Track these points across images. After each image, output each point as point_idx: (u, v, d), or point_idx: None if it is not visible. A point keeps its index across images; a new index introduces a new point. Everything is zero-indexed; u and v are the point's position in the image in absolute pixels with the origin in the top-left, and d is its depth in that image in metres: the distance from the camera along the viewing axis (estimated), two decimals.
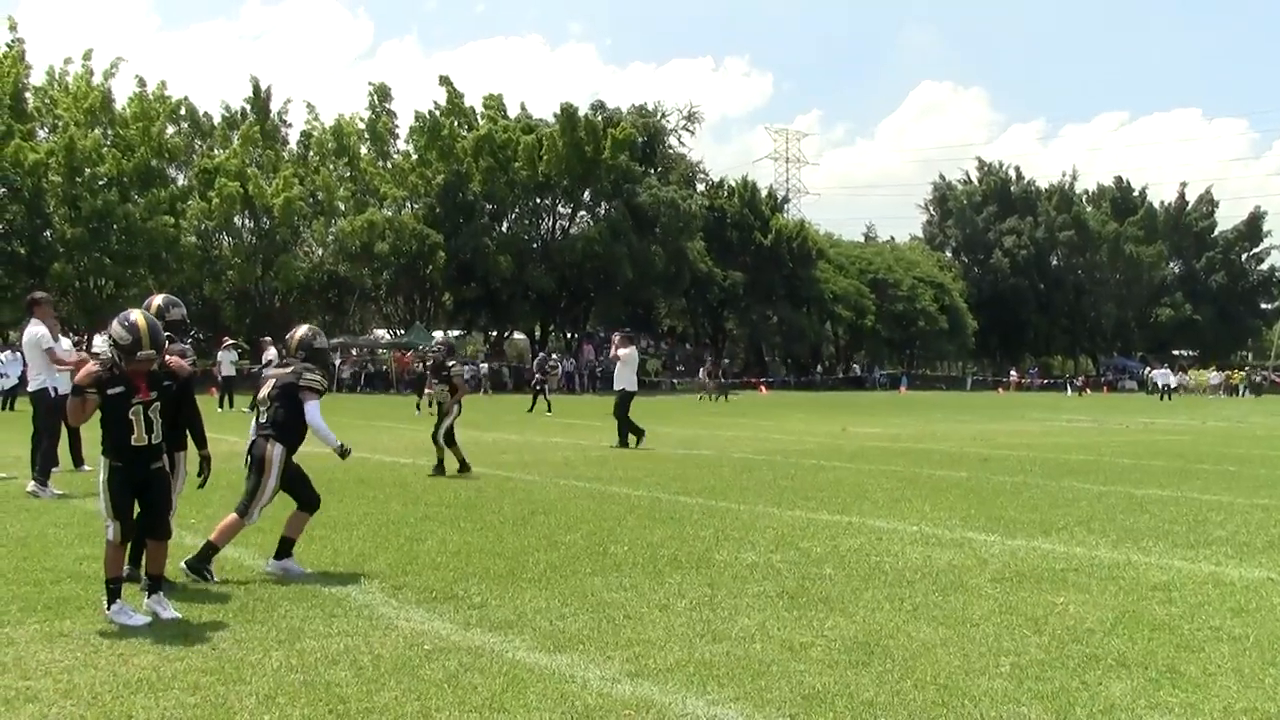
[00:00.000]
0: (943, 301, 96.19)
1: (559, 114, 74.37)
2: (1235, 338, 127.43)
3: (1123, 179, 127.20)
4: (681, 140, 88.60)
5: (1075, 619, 8.29)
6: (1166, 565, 10.62)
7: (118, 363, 7.98)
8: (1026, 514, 14.10)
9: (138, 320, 8.10)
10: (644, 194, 74.16)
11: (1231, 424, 41.98)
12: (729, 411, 46.24)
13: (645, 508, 14.17)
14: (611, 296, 77.85)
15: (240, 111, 72.16)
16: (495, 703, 6.13)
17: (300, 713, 5.95)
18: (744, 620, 8.09)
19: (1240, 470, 20.89)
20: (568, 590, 9.01)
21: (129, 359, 7.98)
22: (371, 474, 17.78)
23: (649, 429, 24.78)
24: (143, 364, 8.04)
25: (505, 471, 18.60)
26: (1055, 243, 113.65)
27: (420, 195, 72.70)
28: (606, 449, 23.84)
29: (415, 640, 7.41)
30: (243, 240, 68.57)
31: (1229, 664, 7.16)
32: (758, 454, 23.02)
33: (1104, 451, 24.98)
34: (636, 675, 6.69)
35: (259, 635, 7.49)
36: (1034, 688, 6.55)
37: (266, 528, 10.29)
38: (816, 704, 6.20)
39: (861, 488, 16.77)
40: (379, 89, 76.01)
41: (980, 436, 30.28)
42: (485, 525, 12.48)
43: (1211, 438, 32.04)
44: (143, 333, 8.02)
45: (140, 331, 8.02)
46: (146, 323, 8.10)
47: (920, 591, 9.18)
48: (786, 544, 11.49)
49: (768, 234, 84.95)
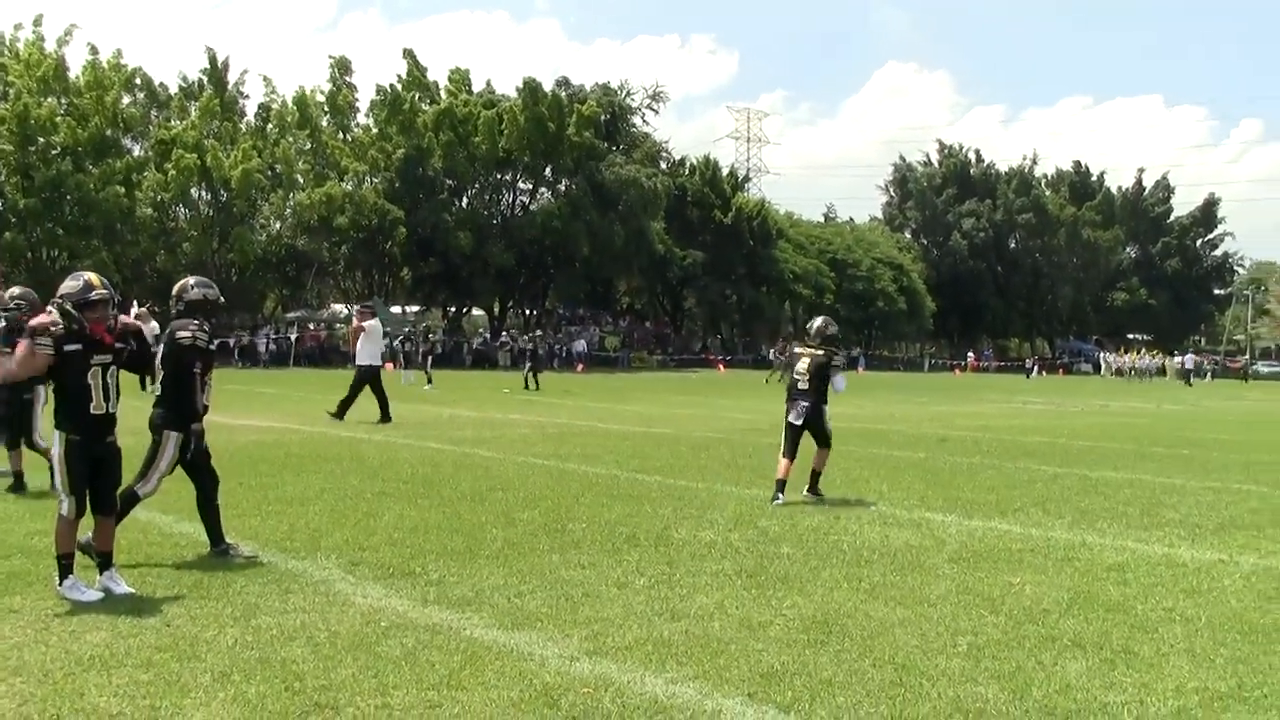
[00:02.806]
0: (901, 283, 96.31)
1: (522, 89, 74.07)
2: (1189, 323, 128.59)
3: (1081, 164, 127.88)
4: (645, 119, 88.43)
5: (1031, 599, 8.33)
6: (1121, 547, 10.70)
7: (75, 316, 7.84)
8: (983, 495, 14.18)
9: (84, 273, 8.10)
10: (606, 171, 73.96)
11: (1186, 407, 42.32)
12: (687, 389, 46.23)
13: (604, 485, 14.16)
14: (571, 273, 77.62)
15: (197, 82, 71.48)
16: (453, 680, 6.11)
17: (255, 690, 5.90)
18: (702, 598, 8.09)
19: (1194, 454, 21.06)
20: (526, 567, 8.99)
21: (85, 308, 7.87)
22: (329, 448, 17.70)
23: (607, 407, 24.71)
24: (101, 309, 7.93)
25: (463, 448, 18.54)
26: (1014, 226, 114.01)
27: (380, 169, 72.17)
28: (562, 425, 23.80)
29: (372, 617, 7.37)
30: (199, 212, 67.88)
31: (1181, 644, 7.22)
32: (716, 433, 23.04)
33: (1060, 434, 25.13)
34: (595, 653, 6.68)
35: (214, 611, 7.42)
36: (991, 667, 6.58)
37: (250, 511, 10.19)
38: (774, 682, 6.21)
39: None
40: (340, 61, 75.40)
41: (938, 418, 30.40)
42: (443, 501, 12.43)
43: (1167, 421, 32.28)
44: (93, 280, 7.95)
45: (89, 279, 7.97)
46: (95, 276, 8.05)
47: (878, 571, 9.21)
48: (745, 523, 11.51)
49: (728, 213, 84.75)
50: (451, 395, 35.54)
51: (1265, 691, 6.31)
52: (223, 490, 9.51)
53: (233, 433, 18.90)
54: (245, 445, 17.31)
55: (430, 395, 35.81)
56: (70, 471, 7.91)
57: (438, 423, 23.96)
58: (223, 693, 5.86)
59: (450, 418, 25.60)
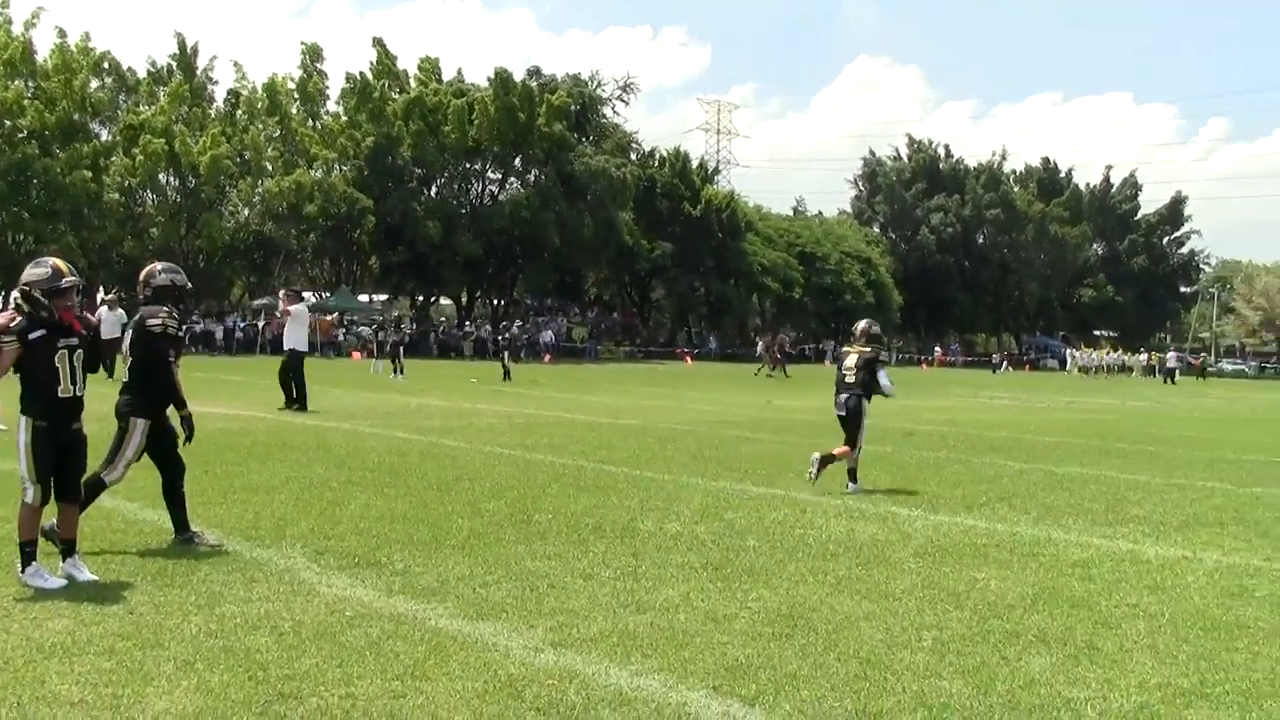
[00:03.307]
0: (869, 276, 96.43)
1: (493, 79, 73.93)
2: (1155, 320, 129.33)
3: (1050, 160, 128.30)
4: (616, 110, 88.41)
5: (996, 594, 8.36)
6: (1085, 543, 10.74)
7: (43, 304, 7.78)
8: (949, 490, 14.22)
9: (49, 259, 8.05)
10: (576, 162, 73.87)
11: (1152, 404, 42.55)
12: (654, 381, 46.22)
13: (570, 476, 14.15)
14: (539, 264, 77.49)
15: (166, 68, 71.07)
16: (417, 670, 6.09)
17: (219, 679, 5.86)
18: (668, 591, 8.09)
19: (1158, 450, 21.17)
20: (491, 558, 8.97)
21: (54, 295, 7.82)
22: (295, 437, 17.65)
23: (574, 398, 24.71)
24: (69, 296, 7.89)
25: (430, 437, 18.50)
26: (982, 221, 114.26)
27: (350, 157, 72.01)
28: (529, 415, 23.78)
29: (337, 606, 7.34)
30: (167, 198, 67.57)
31: (1145, 640, 7.25)
32: (683, 424, 23.05)
33: (1026, 429, 25.24)
34: (560, 645, 6.67)
35: (178, 600, 7.38)
36: (955, 662, 6.60)
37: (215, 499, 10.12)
38: (739, 675, 6.20)
39: (785, 460, 16.81)
40: (311, 48, 75.20)
41: (904, 412, 30.45)
42: (409, 491, 12.40)
43: (1132, 418, 32.45)
44: (61, 267, 7.91)
45: (58, 266, 7.92)
46: (61, 261, 8.01)
47: (844, 565, 9.22)
48: (711, 515, 11.51)
49: (697, 205, 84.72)
50: (419, 385, 35.49)
51: (1227, 688, 6.34)
52: (188, 478, 9.47)
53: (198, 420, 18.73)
54: (211, 433, 17.20)
55: (398, 385, 35.74)
56: (36, 459, 7.84)
57: (405, 412, 23.90)
58: (186, 681, 5.82)
59: (418, 407, 25.54)
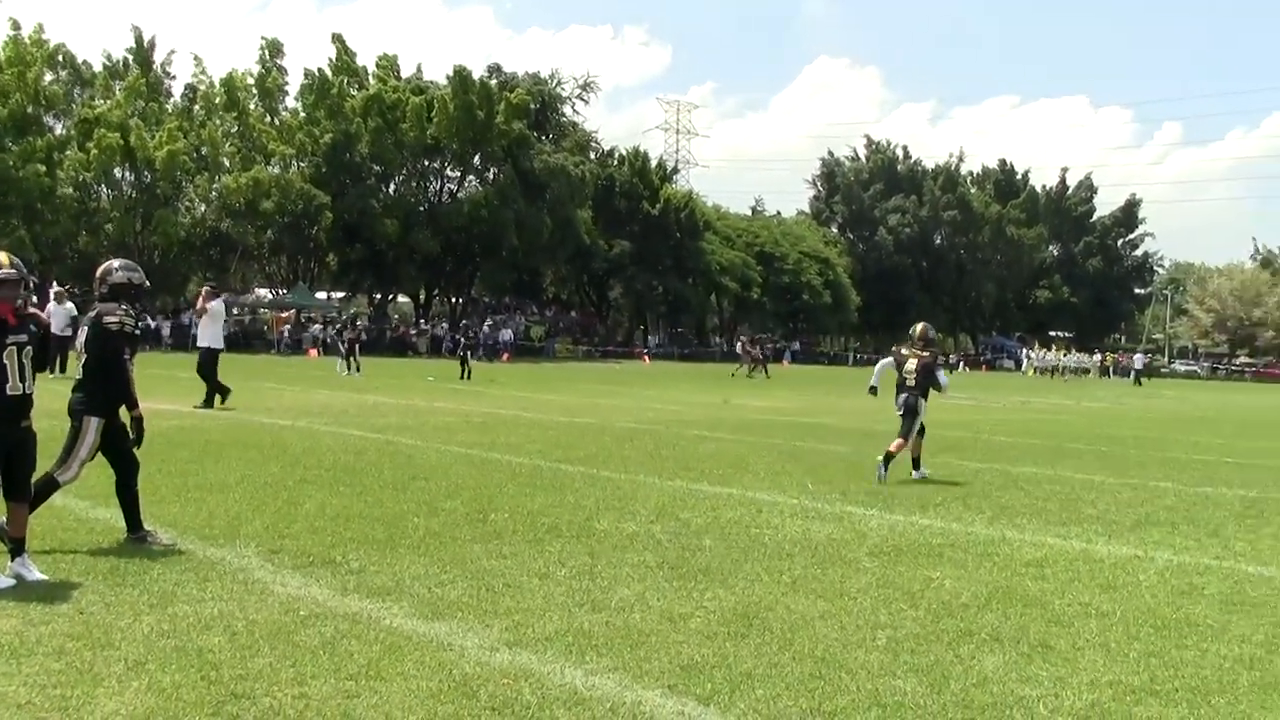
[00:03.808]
0: (827, 276, 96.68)
1: (451, 77, 73.75)
2: (1109, 321, 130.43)
3: (1007, 162, 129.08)
4: (575, 109, 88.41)
5: (951, 594, 8.40)
6: (1039, 542, 10.81)
7: None
8: (905, 489, 14.29)
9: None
10: (535, 160, 73.79)
11: (1106, 405, 42.84)
12: (612, 380, 46.22)
13: (526, 475, 14.13)
14: (497, 262, 77.35)
15: (122, 61, 70.60)
16: (372, 670, 6.06)
17: (170, 679, 5.81)
18: (623, 590, 8.09)
19: (1112, 450, 21.33)
20: (447, 557, 8.95)
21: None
22: (250, 435, 17.55)
23: (531, 396, 24.68)
24: (10, 289, 7.80)
25: (386, 435, 18.44)
26: (939, 222, 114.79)
27: (308, 154, 71.72)
28: (486, 414, 23.73)
29: (291, 606, 7.29)
30: (122, 193, 67.12)
31: (1097, 638, 7.31)
32: (640, 424, 23.06)
33: (982, 429, 25.35)
34: (515, 644, 6.66)
35: (129, 599, 7.31)
36: (909, 661, 6.62)
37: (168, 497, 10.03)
38: (695, 675, 6.21)
39: (742, 460, 16.87)
40: (271, 44, 74.94)
41: (861, 411, 30.55)
42: (365, 489, 12.35)
43: (1086, 418, 32.67)
44: (2, 260, 7.82)
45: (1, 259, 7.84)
46: (4, 255, 7.92)
47: (799, 564, 9.24)
48: (667, 514, 11.51)
49: (656, 204, 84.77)
50: (375, 382, 35.38)
51: (1176, 685, 6.39)
52: (142, 476, 9.37)
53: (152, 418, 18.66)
54: (165, 430, 17.08)
55: (353, 382, 35.62)
56: None
57: (361, 410, 23.81)
58: (137, 682, 5.76)
59: (374, 405, 25.45)
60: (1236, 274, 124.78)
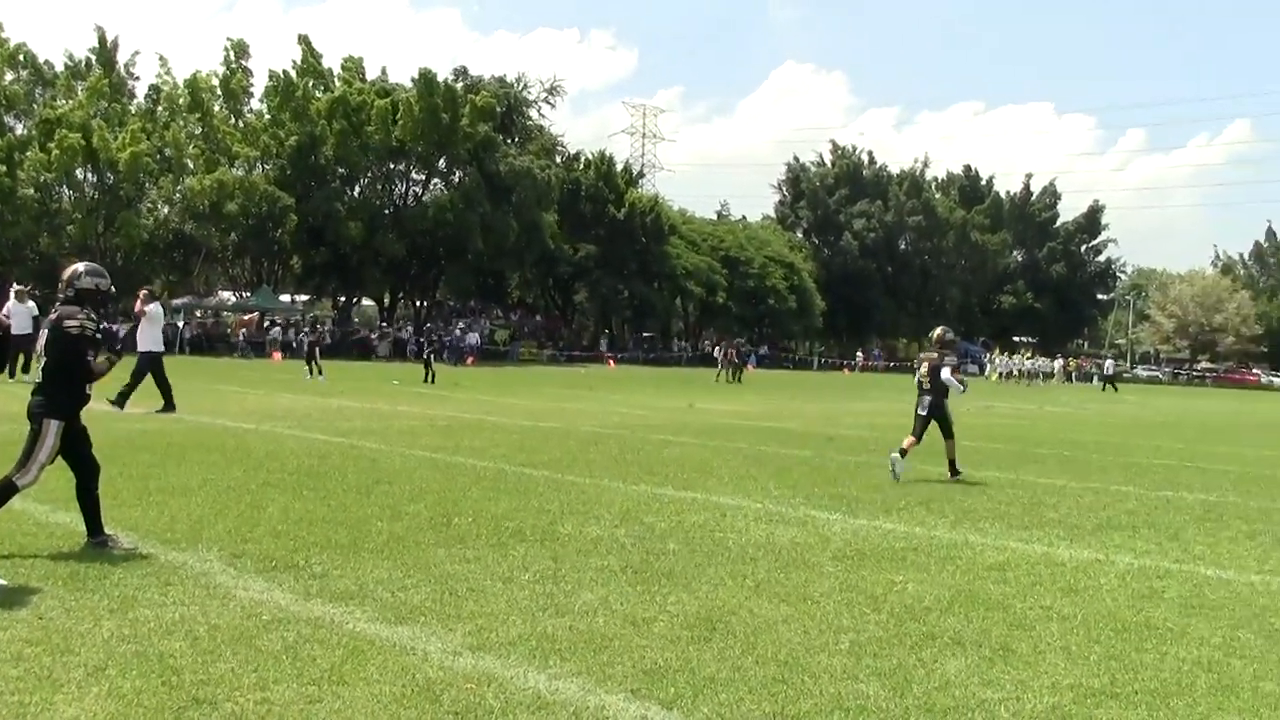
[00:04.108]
0: (792, 281, 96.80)
1: (417, 79, 73.57)
2: (1073, 326, 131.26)
3: (971, 167, 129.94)
4: (542, 113, 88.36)
5: (913, 597, 8.42)
6: (1002, 546, 10.86)
7: None
8: (869, 493, 14.32)
9: None
10: (501, 163, 73.68)
11: (1069, 409, 43.06)
12: (576, 383, 46.16)
13: (490, 479, 14.10)
14: (462, 265, 77.20)
15: (85, 61, 70.19)
16: (335, 674, 6.04)
17: (131, 685, 5.78)
18: (587, 594, 8.08)
19: (1074, 455, 21.44)
20: (410, 561, 8.92)
21: None
22: (213, 439, 17.46)
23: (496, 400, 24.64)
24: None
25: (350, 439, 18.38)
26: (904, 227, 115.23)
27: (272, 156, 71.48)
28: (451, 417, 23.69)
29: (253, 610, 7.26)
30: (84, 194, 66.69)
31: (1058, 642, 7.35)
32: (604, 428, 23.05)
33: None
34: (478, 648, 6.65)
35: (90, 604, 7.26)
36: (872, 664, 6.64)
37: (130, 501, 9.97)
38: (658, 679, 6.21)
39: (707, 464, 16.87)
40: (237, 44, 74.55)
41: (826, 416, 30.64)
42: (328, 493, 12.30)
43: (1049, 423, 32.83)
44: None
45: None
46: None
47: (763, 568, 9.25)
48: (631, 518, 11.51)
49: (621, 208, 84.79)
50: (339, 386, 35.26)
51: (1136, 688, 6.44)
52: (103, 479, 9.30)
53: (114, 421, 18.60)
54: (127, 433, 17.01)
55: (317, 386, 35.49)
56: None
57: (325, 414, 23.71)
58: (97, 687, 5.73)
59: (338, 409, 25.35)
60: (1198, 280, 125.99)
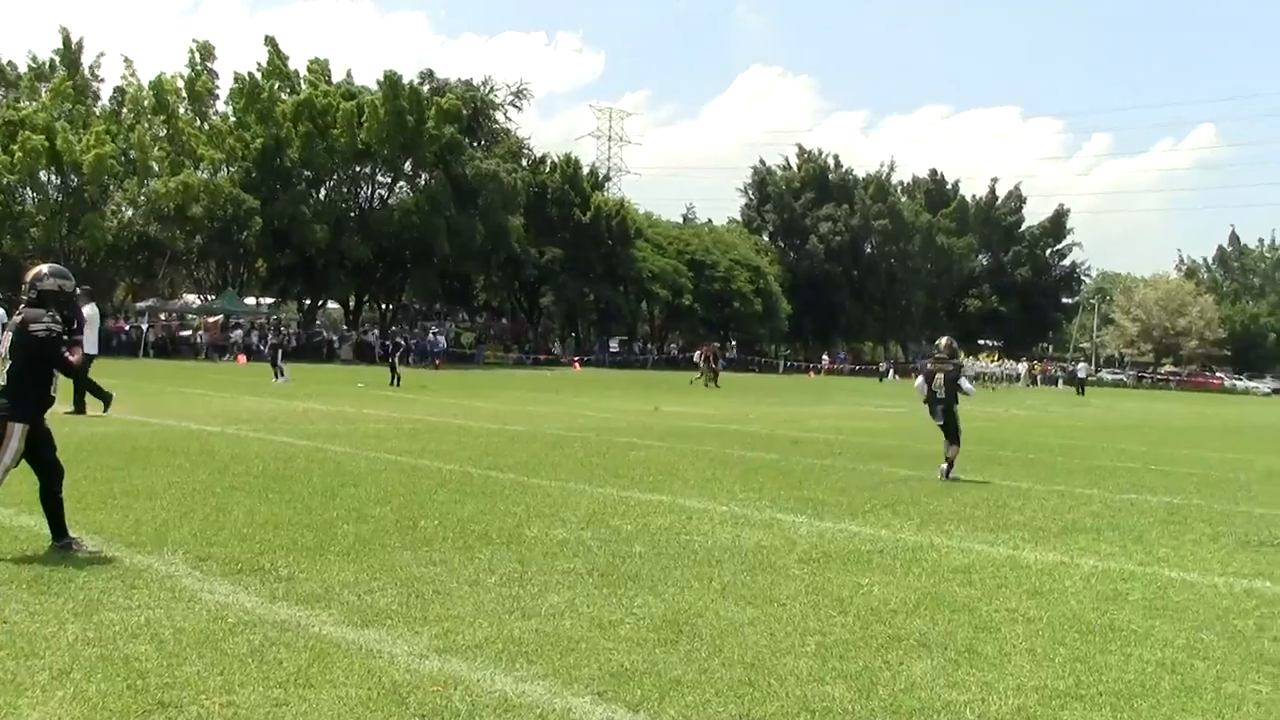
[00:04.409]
0: (758, 284, 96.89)
1: (382, 81, 73.35)
2: (1038, 330, 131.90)
3: (937, 171, 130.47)
4: (508, 116, 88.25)
5: (879, 600, 8.45)
6: (967, 548, 10.90)
7: None
8: (834, 496, 14.35)
9: None
10: (467, 166, 73.56)
11: (1034, 413, 43.25)
12: (542, 386, 46.15)
13: (456, 482, 14.08)
14: (428, 268, 77.02)
15: (49, 63, 69.75)
16: (301, 677, 6.02)
17: (96, 688, 5.74)
18: (553, 597, 8.08)
19: (1039, 458, 21.56)
20: (376, 564, 8.90)
21: None
22: (178, 441, 17.38)
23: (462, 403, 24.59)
24: None
25: (316, 442, 18.32)
26: (870, 231, 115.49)
27: (238, 159, 71.14)
28: (417, 420, 23.64)
29: (219, 613, 7.23)
30: (48, 196, 66.20)
31: (1023, 644, 7.38)
32: (570, 431, 23.04)
33: (911, 436, 25.51)
34: (445, 651, 6.64)
35: (54, 607, 7.22)
36: (838, 667, 6.66)
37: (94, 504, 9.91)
38: (624, 681, 6.21)
39: (673, 467, 16.89)
40: (203, 46, 74.08)
41: (792, 419, 30.71)
42: (294, 496, 12.26)
43: (1014, 426, 32.97)
44: None
45: None
46: None
47: (729, 571, 9.26)
48: (597, 521, 11.51)
49: (587, 211, 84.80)
50: (304, 389, 35.12)
51: (1101, 689, 6.47)
52: (67, 483, 9.23)
53: (78, 424, 18.50)
54: (91, 437, 16.92)
55: (282, 388, 35.35)
56: None
57: (290, 416, 23.63)
58: (61, 691, 5.69)
59: (303, 412, 25.26)
60: (1162, 284, 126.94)
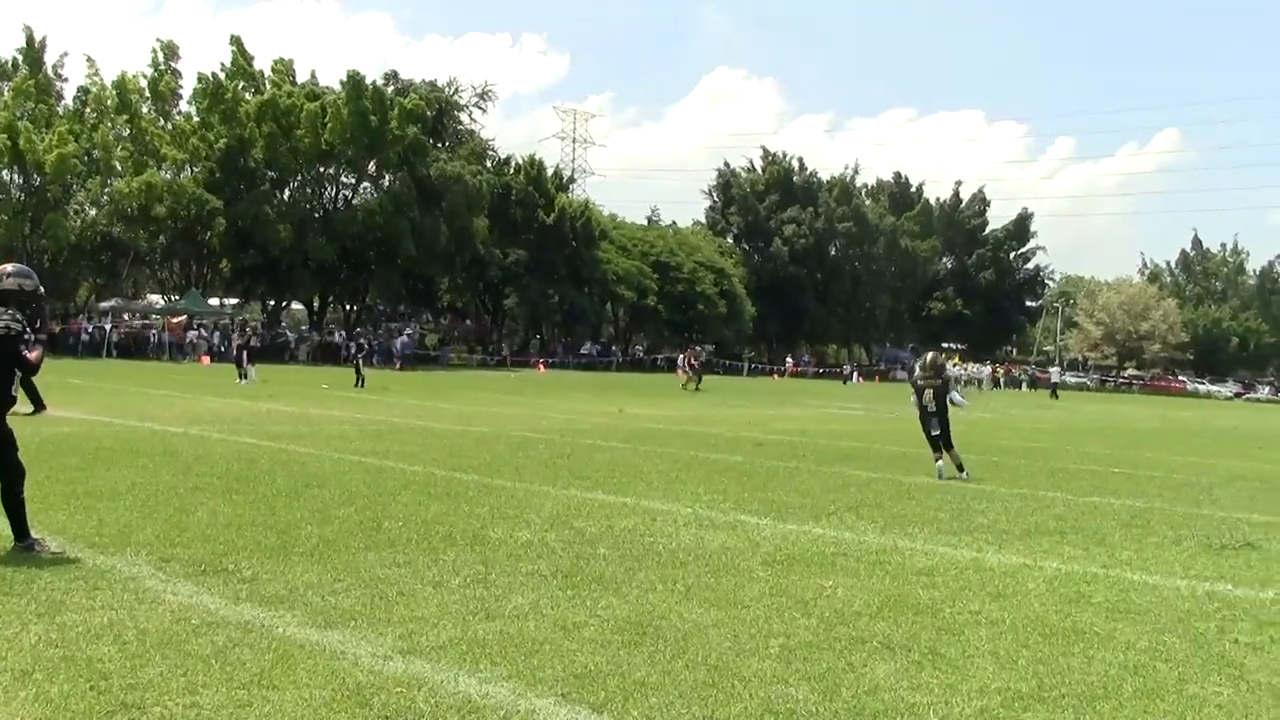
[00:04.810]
0: (722, 286, 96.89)
1: (345, 82, 73.09)
2: (1001, 333, 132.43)
3: (901, 174, 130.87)
4: (473, 117, 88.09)
5: (843, 602, 8.47)
6: (931, 551, 10.94)
7: None
8: (798, 499, 14.38)
9: None
10: (431, 167, 73.38)
11: (997, 416, 43.43)
12: (507, 388, 46.10)
13: (420, 483, 14.06)
14: (392, 269, 76.76)
15: (11, 61, 69.26)
16: (264, 679, 6.01)
17: (59, 689, 5.72)
18: (517, 599, 8.08)
19: (1003, 460, 21.65)
20: (340, 565, 8.88)
21: None
22: (141, 442, 17.30)
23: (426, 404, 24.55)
24: None
25: (280, 443, 18.26)
26: (834, 233, 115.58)
27: (201, 159, 70.75)
28: (381, 422, 23.59)
29: (182, 614, 7.21)
30: (10, 196, 65.71)
31: (986, 646, 7.41)
32: (535, 432, 23.02)
33: (874, 439, 25.61)
34: (408, 652, 6.63)
35: (16, 608, 7.18)
36: (802, 669, 6.67)
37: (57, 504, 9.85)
38: (588, 683, 6.22)
39: (637, 469, 16.91)
40: (167, 46, 73.63)
41: (755, 421, 30.76)
42: (257, 497, 12.22)
43: (978, 429, 33.08)
44: None
45: None
46: None
47: (693, 573, 9.28)
48: (561, 523, 11.51)
49: (551, 213, 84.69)
50: (268, 390, 34.98)
51: (1063, 691, 6.50)
52: (29, 483, 9.19)
53: (40, 424, 18.38)
54: (53, 437, 16.82)
55: (246, 389, 35.22)
56: None
57: (254, 417, 23.53)
58: (24, 692, 5.67)
59: (267, 413, 25.16)
60: (1125, 288, 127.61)
